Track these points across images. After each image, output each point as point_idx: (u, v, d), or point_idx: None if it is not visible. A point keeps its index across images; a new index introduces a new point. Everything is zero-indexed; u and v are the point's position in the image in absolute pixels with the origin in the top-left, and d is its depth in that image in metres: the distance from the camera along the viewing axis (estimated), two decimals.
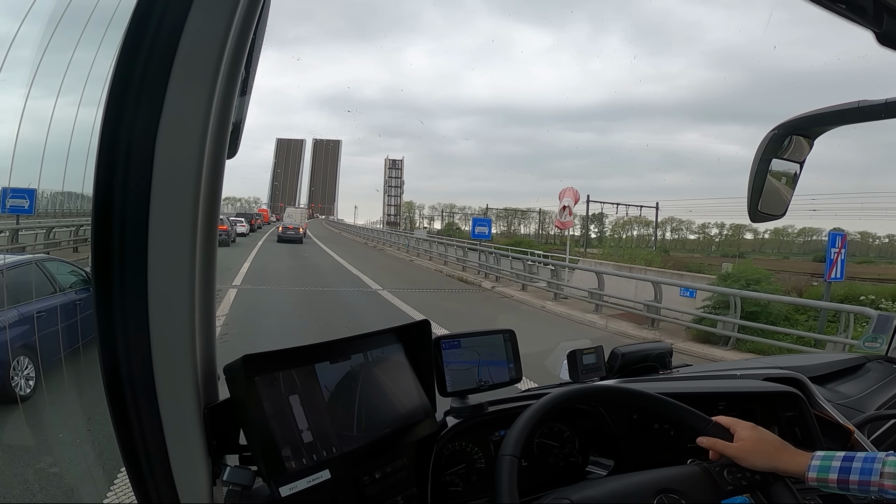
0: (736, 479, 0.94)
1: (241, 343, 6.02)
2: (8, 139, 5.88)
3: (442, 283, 15.63)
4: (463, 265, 18.03)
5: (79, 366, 3.20)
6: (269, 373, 0.82)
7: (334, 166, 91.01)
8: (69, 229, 11.53)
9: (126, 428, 0.69)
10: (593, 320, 10.25)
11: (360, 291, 12.35)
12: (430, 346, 1.09)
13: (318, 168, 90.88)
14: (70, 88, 7.01)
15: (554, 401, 1.00)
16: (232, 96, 0.69)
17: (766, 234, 57.21)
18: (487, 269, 16.08)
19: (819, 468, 0.91)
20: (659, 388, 1.21)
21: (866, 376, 1.76)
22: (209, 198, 0.69)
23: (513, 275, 14.93)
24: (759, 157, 1.27)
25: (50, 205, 12.89)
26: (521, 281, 14.11)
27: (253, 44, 0.71)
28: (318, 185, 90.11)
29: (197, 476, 0.73)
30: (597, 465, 1.25)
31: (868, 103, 1.12)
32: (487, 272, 16.00)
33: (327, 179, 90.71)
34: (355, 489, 0.91)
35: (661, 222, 64.97)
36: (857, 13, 0.87)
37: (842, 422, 1.34)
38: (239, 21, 0.66)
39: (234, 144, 0.73)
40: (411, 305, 10.20)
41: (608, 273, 11.93)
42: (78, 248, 10.85)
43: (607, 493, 0.91)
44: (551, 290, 12.80)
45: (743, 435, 0.97)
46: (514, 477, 0.88)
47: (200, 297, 0.70)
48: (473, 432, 1.15)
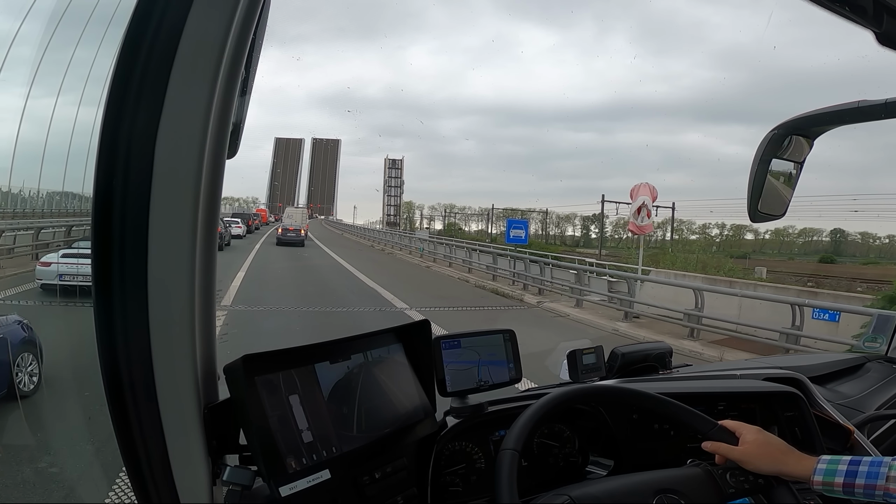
0: (738, 482, 0.94)
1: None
2: (8, 139, 5.89)
3: (475, 297, 13.31)
4: (493, 274, 15.76)
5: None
6: (269, 373, 0.82)
7: (333, 166, 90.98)
8: (62, 230, 11.40)
9: (126, 428, 0.70)
10: (696, 348, 8.10)
11: (383, 312, 9.99)
12: (430, 345, 1.09)
13: (317, 168, 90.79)
14: (70, 87, 7.01)
15: (554, 401, 1.00)
16: (232, 96, 0.69)
17: (767, 234, 57.27)
18: (526, 279, 13.87)
19: (825, 472, 0.91)
20: (659, 388, 1.21)
21: (866, 376, 1.76)
22: (209, 198, 0.69)
23: (561, 286, 12.69)
24: (758, 157, 1.28)
25: (46, 205, 12.81)
26: (572, 295, 11.86)
27: (253, 43, 0.71)
28: (318, 184, 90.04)
29: (197, 476, 0.73)
30: (597, 465, 1.24)
31: (868, 103, 1.12)
32: (526, 283, 13.84)
33: (326, 179, 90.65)
34: (355, 489, 0.91)
35: (661, 223, 64.96)
36: (857, 13, 0.87)
37: (842, 422, 1.34)
38: (239, 21, 0.66)
39: (234, 144, 0.73)
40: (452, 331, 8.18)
41: (710, 290, 9.53)
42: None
43: (607, 492, 0.91)
44: (611, 306, 10.80)
45: (748, 438, 0.97)
46: (514, 471, 0.88)
47: (200, 297, 0.70)
48: (473, 432, 1.15)
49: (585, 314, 10.84)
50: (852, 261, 44.30)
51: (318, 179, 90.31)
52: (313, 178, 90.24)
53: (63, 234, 11.17)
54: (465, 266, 18.17)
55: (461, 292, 14.07)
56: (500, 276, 15.41)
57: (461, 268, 18.34)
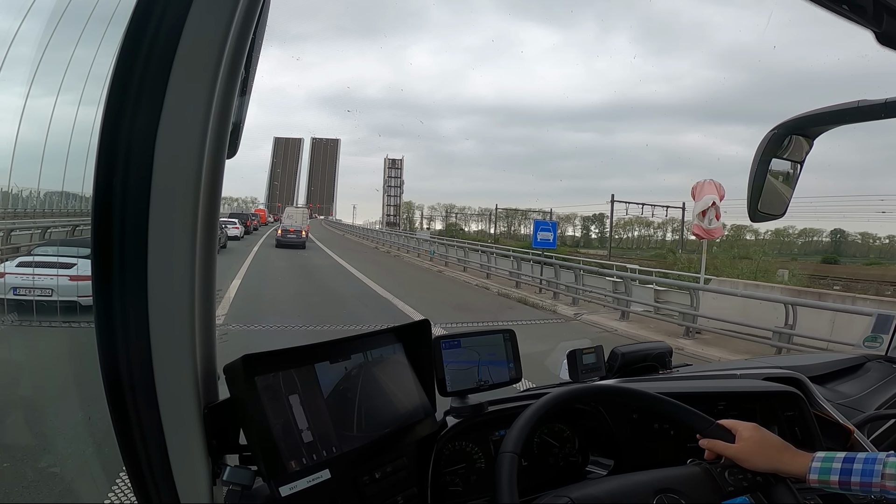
0: (737, 480, 0.94)
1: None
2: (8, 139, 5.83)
3: (501, 308, 12.00)
4: (517, 280, 14.37)
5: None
6: (269, 373, 0.82)
7: (333, 166, 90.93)
8: (65, 230, 11.04)
9: (126, 428, 0.70)
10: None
11: None
12: (430, 345, 1.09)
13: (317, 167, 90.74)
14: (70, 87, 6.99)
15: (554, 400, 1.00)
16: (232, 96, 0.69)
17: (768, 234, 57.26)
18: (557, 286, 12.58)
19: (820, 470, 0.91)
20: (659, 388, 1.21)
21: (866, 376, 1.76)
22: (209, 198, 0.69)
23: (598, 294, 11.45)
24: (758, 157, 1.28)
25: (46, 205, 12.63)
26: (616, 306, 10.52)
27: (253, 43, 0.71)
28: (317, 184, 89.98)
29: (197, 476, 0.73)
30: (597, 465, 1.24)
31: (868, 103, 1.13)
32: (557, 291, 12.53)
33: (326, 179, 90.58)
34: (355, 489, 0.91)
35: (662, 223, 64.77)
36: (857, 13, 0.87)
37: (842, 421, 1.34)
38: (239, 21, 0.66)
39: (233, 144, 0.73)
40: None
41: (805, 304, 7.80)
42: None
43: (607, 493, 0.91)
44: (662, 319, 9.56)
45: (744, 436, 0.97)
46: (514, 474, 0.88)
47: (200, 297, 0.70)
48: (473, 432, 1.15)
49: (635, 328, 9.48)
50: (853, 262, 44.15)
51: (318, 179, 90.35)
52: (312, 177, 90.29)
53: (39, 235, 10.65)
54: (482, 271, 16.63)
55: (485, 303, 12.62)
56: (522, 281, 14.07)
57: (477, 273, 16.80)
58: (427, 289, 14.17)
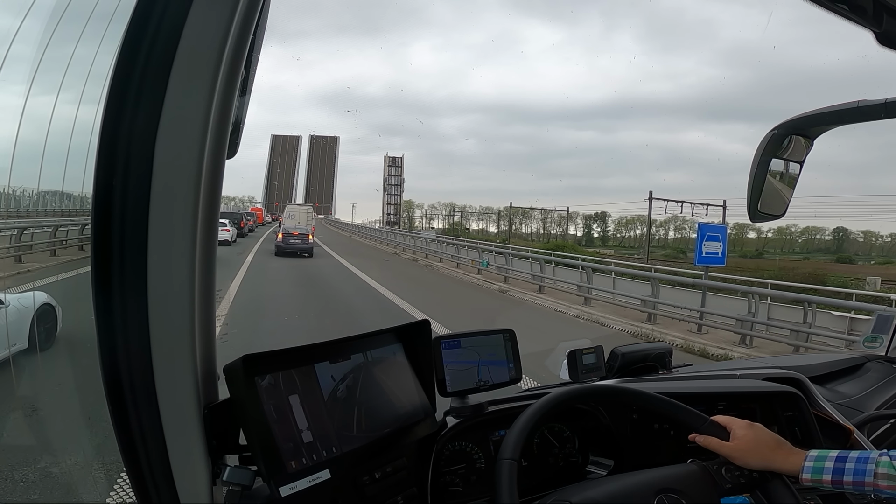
0: (735, 478, 0.94)
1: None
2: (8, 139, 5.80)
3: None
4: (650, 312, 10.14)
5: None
6: (269, 373, 0.82)
7: (332, 164, 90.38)
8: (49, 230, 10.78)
9: (126, 428, 0.69)
10: None
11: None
12: (430, 345, 1.09)
13: (315, 166, 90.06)
14: (70, 86, 6.98)
15: (553, 401, 1.00)
16: (232, 96, 0.69)
17: (770, 233, 57.16)
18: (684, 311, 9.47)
19: (813, 469, 0.91)
20: (659, 388, 1.21)
21: (866, 376, 1.76)
22: (209, 198, 0.69)
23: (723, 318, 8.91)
24: (758, 156, 1.28)
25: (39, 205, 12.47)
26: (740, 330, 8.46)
27: (253, 43, 0.71)
28: (316, 183, 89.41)
29: (197, 476, 0.73)
30: (597, 465, 1.24)
31: (868, 103, 1.13)
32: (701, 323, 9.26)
33: (324, 178, 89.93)
34: (355, 489, 0.91)
35: (663, 222, 64.42)
36: (857, 13, 0.87)
37: (841, 422, 1.34)
38: (239, 21, 0.66)
39: (233, 144, 0.73)
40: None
41: None
42: (56, 251, 10.29)
43: (607, 494, 0.91)
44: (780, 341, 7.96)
45: (739, 434, 0.97)
46: (514, 481, 0.88)
47: (200, 297, 0.70)
48: (473, 432, 1.15)
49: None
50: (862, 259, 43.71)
51: (316, 178, 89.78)
52: (311, 176, 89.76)
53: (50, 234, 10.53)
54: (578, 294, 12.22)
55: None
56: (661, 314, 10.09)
57: (557, 294, 12.56)
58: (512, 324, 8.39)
